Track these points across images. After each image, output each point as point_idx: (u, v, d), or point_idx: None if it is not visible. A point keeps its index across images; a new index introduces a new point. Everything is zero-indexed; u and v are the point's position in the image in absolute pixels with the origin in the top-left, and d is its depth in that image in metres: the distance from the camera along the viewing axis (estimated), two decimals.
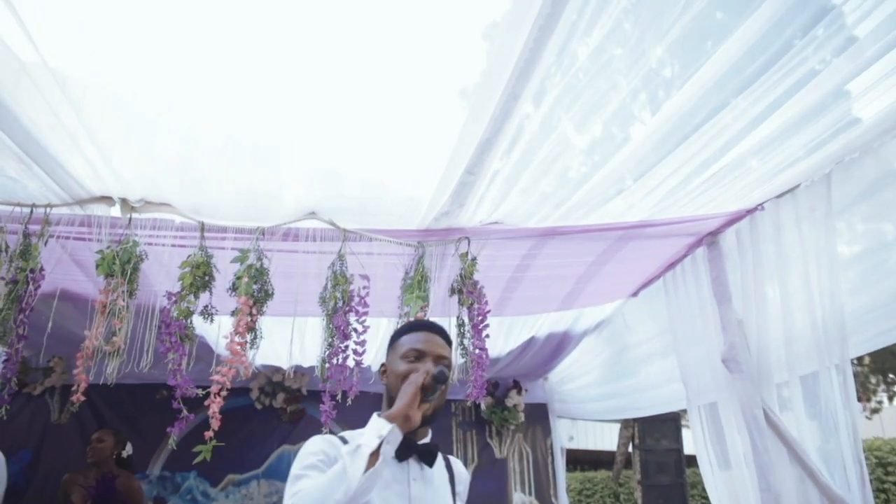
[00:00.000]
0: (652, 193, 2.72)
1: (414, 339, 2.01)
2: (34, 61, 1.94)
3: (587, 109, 2.15)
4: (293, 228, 2.78)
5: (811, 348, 2.77)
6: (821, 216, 2.68)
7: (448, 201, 2.47)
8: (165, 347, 2.48)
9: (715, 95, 2.18)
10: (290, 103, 2.25)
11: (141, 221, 2.74)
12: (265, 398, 5.57)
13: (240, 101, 2.25)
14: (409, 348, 1.98)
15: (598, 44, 1.86)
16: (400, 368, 1.94)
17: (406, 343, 2.01)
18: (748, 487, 3.12)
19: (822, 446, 2.84)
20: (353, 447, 1.67)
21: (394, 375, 1.96)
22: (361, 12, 1.82)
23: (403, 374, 1.91)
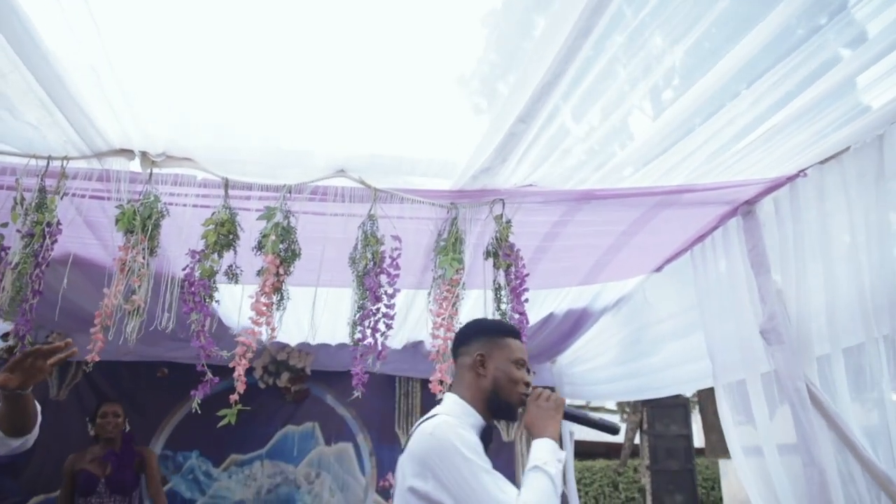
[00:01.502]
0: (692, 157, 2.62)
1: (521, 348, 2.15)
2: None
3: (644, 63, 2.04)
4: (321, 187, 2.65)
5: (856, 319, 2.67)
6: (871, 181, 2.57)
7: (491, 156, 2.35)
8: (189, 307, 2.35)
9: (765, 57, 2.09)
10: (322, 55, 2.14)
11: (161, 177, 2.60)
12: (269, 377, 5.44)
13: (271, 53, 2.14)
14: (521, 357, 2.12)
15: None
16: (515, 374, 2.07)
17: (518, 349, 2.13)
18: (780, 472, 3.04)
19: (867, 421, 2.75)
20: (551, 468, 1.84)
21: (505, 376, 2.06)
22: None
23: (518, 379, 2.07)
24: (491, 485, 1.75)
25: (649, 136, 2.35)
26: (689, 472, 6.79)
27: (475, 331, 2.17)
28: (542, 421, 1.97)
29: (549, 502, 1.75)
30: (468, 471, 1.76)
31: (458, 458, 1.78)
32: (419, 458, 1.84)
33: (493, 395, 2.04)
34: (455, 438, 1.82)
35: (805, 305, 2.89)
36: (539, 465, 1.82)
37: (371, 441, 5.53)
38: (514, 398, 2.05)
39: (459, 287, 2.54)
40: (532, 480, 1.80)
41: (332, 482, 5.36)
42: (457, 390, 2.10)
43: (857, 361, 2.76)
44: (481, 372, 2.07)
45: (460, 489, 1.74)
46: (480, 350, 2.09)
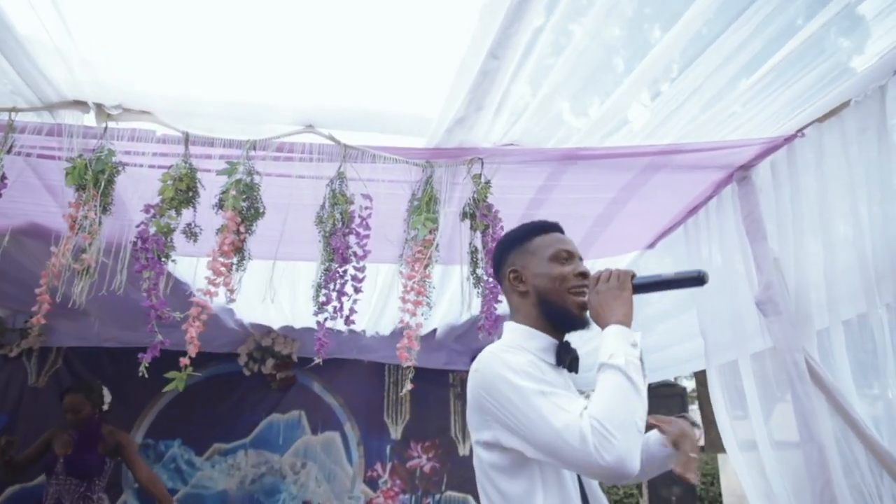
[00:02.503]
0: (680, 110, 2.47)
1: (556, 239, 1.85)
2: None
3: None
4: (287, 143, 2.50)
5: (857, 288, 2.51)
6: (873, 136, 2.41)
7: (464, 103, 2.19)
8: (140, 265, 2.19)
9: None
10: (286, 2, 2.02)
11: (118, 132, 2.45)
12: (254, 364, 5.29)
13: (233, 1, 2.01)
14: (560, 249, 1.81)
15: None
16: (555, 271, 1.77)
17: (550, 244, 1.83)
18: (775, 466, 2.89)
19: (869, 397, 2.59)
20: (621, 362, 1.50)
21: (546, 279, 1.77)
22: None
23: (560, 276, 1.76)
24: (547, 407, 1.47)
25: (634, 79, 2.19)
26: None
27: (501, 250, 1.91)
28: (606, 306, 1.63)
29: (624, 402, 1.45)
30: (520, 399, 1.51)
31: (505, 387, 1.54)
32: (475, 405, 1.63)
33: (545, 306, 1.76)
34: (499, 366, 1.58)
35: (803, 274, 2.73)
36: (605, 362, 1.51)
37: (359, 430, 5.38)
38: (567, 299, 1.74)
39: (433, 248, 2.38)
40: (599, 383, 1.50)
41: (318, 472, 5.21)
42: (513, 318, 1.84)
43: (858, 333, 2.60)
44: (521, 288, 1.81)
45: (519, 424, 1.50)
46: (512, 266, 1.84)
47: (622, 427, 1.40)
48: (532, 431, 1.48)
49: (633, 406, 1.45)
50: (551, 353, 1.73)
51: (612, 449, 1.38)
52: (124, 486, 4.91)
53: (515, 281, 1.83)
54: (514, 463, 1.58)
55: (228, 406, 5.25)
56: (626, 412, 1.43)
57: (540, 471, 1.57)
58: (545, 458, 1.49)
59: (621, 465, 1.38)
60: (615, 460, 1.37)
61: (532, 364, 1.60)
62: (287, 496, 5.10)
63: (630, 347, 1.54)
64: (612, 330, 1.58)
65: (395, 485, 5.30)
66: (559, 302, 1.74)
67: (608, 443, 1.38)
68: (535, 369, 1.59)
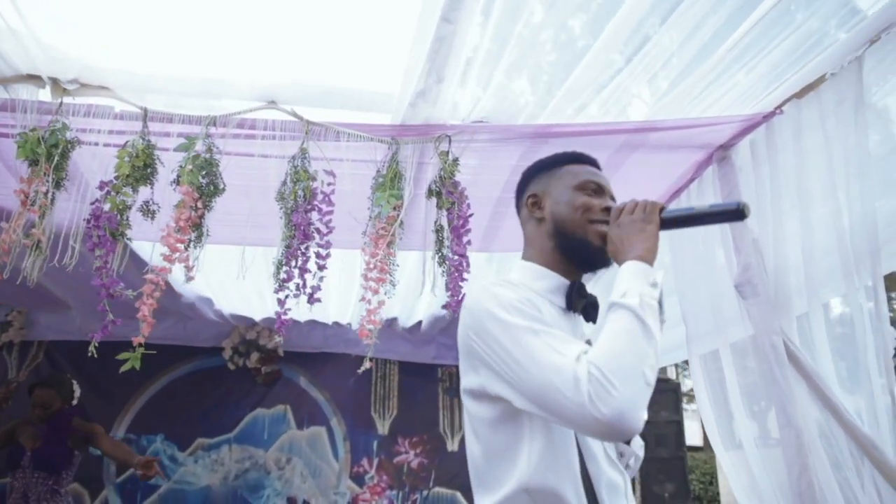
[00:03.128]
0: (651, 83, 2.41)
1: (588, 171, 1.64)
2: None
3: None
4: (249, 120, 2.44)
5: (836, 268, 2.43)
6: (850, 109, 2.34)
7: (423, 73, 2.13)
8: (92, 243, 2.13)
9: None
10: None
11: (74, 107, 2.39)
12: (239, 358, 5.22)
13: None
14: (588, 179, 1.60)
15: None
16: (578, 200, 1.56)
17: (580, 173, 1.62)
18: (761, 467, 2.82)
19: (848, 381, 2.51)
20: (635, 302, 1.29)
21: (567, 207, 1.56)
22: None
23: (582, 205, 1.55)
24: (538, 348, 1.29)
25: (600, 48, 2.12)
26: (680, 459, 6.49)
27: (526, 175, 1.73)
28: (627, 240, 1.42)
29: (632, 348, 1.24)
30: (508, 337, 1.32)
31: (493, 324, 1.35)
32: (463, 348, 1.45)
33: (560, 236, 1.56)
34: (488, 300, 1.39)
35: (783, 255, 2.66)
36: (616, 301, 1.30)
37: (345, 425, 5.31)
38: (586, 229, 1.53)
39: (396, 224, 2.31)
40: (606, 325, 1.31)
41: (303, 467, 5.14)
42: (524, 254, 1.65)
43: (837, 315, 2.54)
44: (538, 215, 1.62)
45: (505, 366, 1.31)
46: (532, 191, 1.66)
47: (626, 376, 1.20)
48: (519, 375, 1.29)
49: (642, 353, 1.24)
50: (561, 294, 1.53)
51: (610, 400, 1.17)
52: (105, 482, 4.85)
53: (533, 207, 1.64)
54: (502, 416, 1.39)
55: (212, 401, 5.19)
56: (633, 359, 1.23)
57: (529, 423, 1.37)
58: (534, 408, 1.28)
59: (620, 420, 1.17)
60: (613, 414, 1.17)
61: (527, 301, 1.40)
62: (271, 492, 5.03)
63: (648, 287, 1.32)
64: (628, 266, 1.37)
65: (381, 480, 5.22)
66: (578, 233, 1.53)
67: (606, 392, 1.18)
68: (530, 307, 1.38)
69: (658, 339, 1.27)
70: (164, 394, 5.15)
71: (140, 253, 3.08)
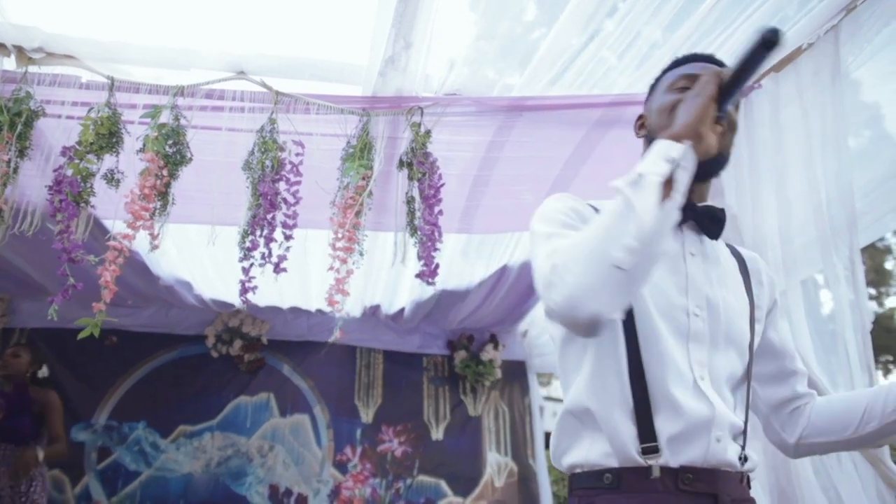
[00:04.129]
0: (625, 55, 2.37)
1: (683, 69, 1.45)
2: None
3: None
4: (218, 90, 2.40)
5: (814, 243, 2.41)
6: (826, 80, 2.31)
7: (390, 39, 2.09)
8: (53, 208, 2.09)
9: None
10: None
11: (39, 76, 2.35)
12: (222, 346, 5.18)
13: None
14: (682, 75, 1.42)
15: None
16: (667, 100, 1.40)
17: (672, 75, 1.46)
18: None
19: (826, 356, 2.48)
20: (633, 177, 1.12)
21: (658, 113, 1.42)
22: None
23: (671, 105, 1.37)
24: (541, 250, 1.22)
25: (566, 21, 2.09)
26: None
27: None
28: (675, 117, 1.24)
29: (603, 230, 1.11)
30: (532, 247, 1.27)
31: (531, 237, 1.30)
32: None
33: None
34: (538, 214, 1.33)
35: (761, 231, 2.63)
36: (618, 186, 1.13)
37: (329, 413, 5.26)
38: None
39: (365, 194, 2.27)
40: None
41: (286, 455, 5.10)
42: None
43: (814, 291, 2.51)
44: (642, 133, 1.51)
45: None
46: (641, 112, 1.54)
47: (585, 259, 1.10)
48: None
49: (613, 234, 1.09)
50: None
51: (561, 286, 1.10)
52: (86, 469, 4.80)
53: (640, 129, 1.52)
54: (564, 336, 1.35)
55: (195, 388, 5.14)
56: (598, 242, 1.10)
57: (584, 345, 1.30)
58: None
59: (570, 306, 1.08)
60: (562, 300, 1.09)
61: (568, 210, 1.31)
62: (254, 479, 4.99)
63: (662, 162, 1.13)
64: (654, 146, 1.18)
65: (364, 469, 5.18)
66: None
67: (560, 279, 1.10)
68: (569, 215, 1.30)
69: (649, 216, 1.07)
70: (146, 381, 5.10)
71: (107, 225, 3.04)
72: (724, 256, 1.47)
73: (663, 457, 1.21)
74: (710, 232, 1.41)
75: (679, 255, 1.37)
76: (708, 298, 1.34)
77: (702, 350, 1.30)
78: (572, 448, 1.30)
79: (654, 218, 1.08)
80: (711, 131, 1.20)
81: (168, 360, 5.21)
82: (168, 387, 5.11)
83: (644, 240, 1.07)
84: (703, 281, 1.36)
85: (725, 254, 1.50)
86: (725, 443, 1.25)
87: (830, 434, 1.45)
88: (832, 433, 1.45)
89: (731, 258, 1.51)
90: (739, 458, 1.27)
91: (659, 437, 1.21)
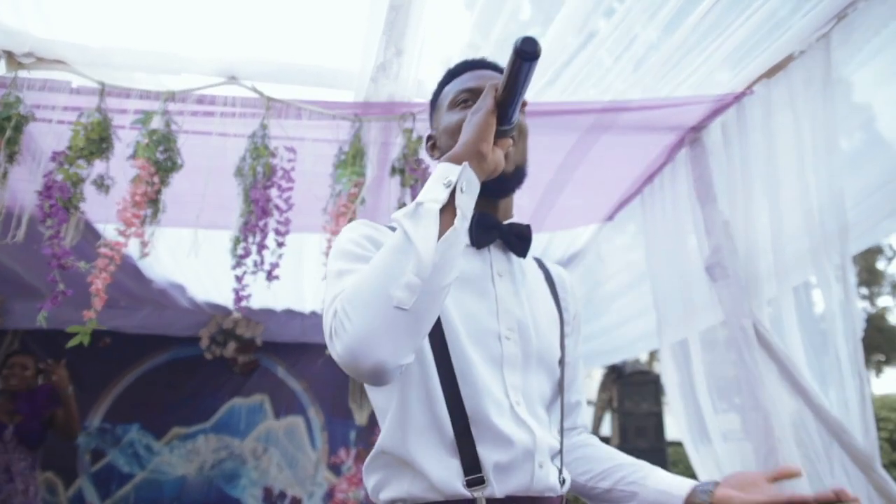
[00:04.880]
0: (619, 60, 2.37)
1: (460, 81, 1.38)
2: None
3: None
4: (209, 96, 2.39)
5: (805, 250, 2.41)
6: (818, 88, 2.30)
7: (381, 45, 2.08)
8: (43, 213, 2.08)
9: None
10: None
11: (29, 81, 2.34)
12: (216, 348, 5.17)
13: None
14: (460, 90, 1.35)
15: None
16: (453, 119, 1.32)
17: (451, 90, 1.38)
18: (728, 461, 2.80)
19: (818, 363, 2.48)
20: (411, 207, 1.06)
21: (446, 135, 1.34)
22: None
23: (457, 125, 1.28)
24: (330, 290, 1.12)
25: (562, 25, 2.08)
26: (661, 451, 6.45)
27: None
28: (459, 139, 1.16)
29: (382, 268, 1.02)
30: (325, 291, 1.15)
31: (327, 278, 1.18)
32: None
33: None
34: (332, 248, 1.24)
35: (753, 237, 2.63)
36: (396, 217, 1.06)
37: (323, 415, 5.26)
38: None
39: (357, 202, 2.27)
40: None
41: (280, 457, 5.10)
42: None
43: (806, 297, 2.51)
44: (435, 156, 1.42)
45: None
46: (429, 133, 1.45)
47: (364, 303, 1.00)
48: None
49: (392, 272, 1.01)
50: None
51: (343, 335, 1.00)
52: (79, 471, 4.80)
53: (432, 151, 1.43)
54: None
55: (189, 390, 5.14)
56: (378, 282, 1.02)
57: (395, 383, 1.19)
58: None
59: (352, 356, 0.98)
60: (344, 350, 0.99)
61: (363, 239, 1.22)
62: (248, 482, 4.98)
63: (440, 188, 1.06)
64: (434, 171, 1.11)
65: (359, 471, 5.18)
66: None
67: (341, 327, 1.00)
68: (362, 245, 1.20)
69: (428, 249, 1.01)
70: (140, 383, 5.10)
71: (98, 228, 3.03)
72: (531, 272, 1.44)
73: (489, 488, 1.16)
74: (517, 250, 1.36)
75: (487, 277, 1.32)
76: (518, 320, 1.30)
77: (515, 374, 1.26)
78: (391, 482, 1.22)
79: (434, 251, 1.02)
80: (499, 147, 1.16)
81: (162, 362, 5.20)
82: (162, 389, 5.10)
83: (425, 275, 1.01)
84: (512, 302, 1.31)
85: (533, 268, 1.46)
86: (547, 468, 1.22)
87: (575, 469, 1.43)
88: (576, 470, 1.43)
89: (539, 271, 1.47)
90: (560, 480, 1.25)
91: (484, 467, 1.16)
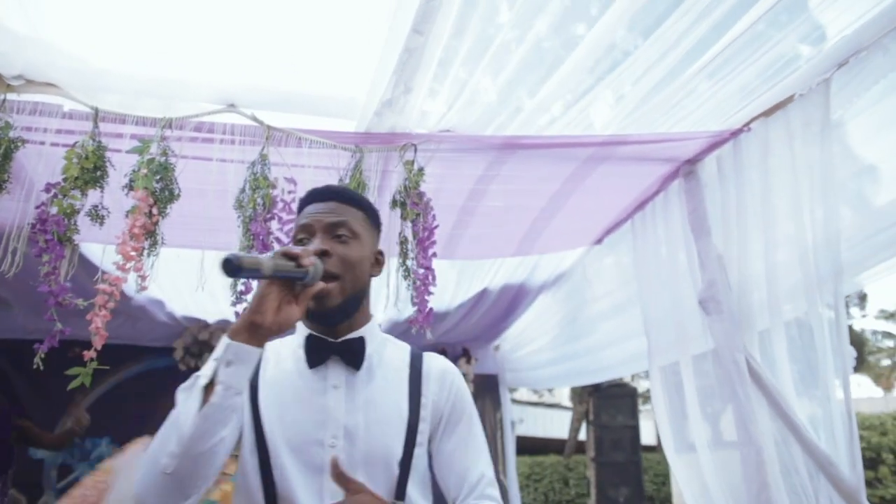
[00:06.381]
0: (623, 99, 2.38)
1: (303, 215, 1.47)
2: None
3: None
4: (207, 123, 2.33)
5: (798, 286, 2.44)
6: (816, 130, 2.34)
7: (391, 83, 2.05)
8: (39, 248, 2.00)
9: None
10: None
11: (19, 105, 2.25)
12: (190, 359, 5.07)
13: None
14: (299, 226, 1.46)
15: None
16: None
17: (295, 225, 1.49)
18: (713, 471, 2.82)
19: (807, 397, 2.52)
20: (190, 381, 1.25)
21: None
22: None
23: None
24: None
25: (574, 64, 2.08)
26: (636, 464, 6.53)
27: None
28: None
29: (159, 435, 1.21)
30: None
31: None
32: None
33: None
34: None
35: (746, 272, 2.66)
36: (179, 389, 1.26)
37: None
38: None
39: None
40: None
41: None
42: None
43: (798, 334, 2.54)
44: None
45: None
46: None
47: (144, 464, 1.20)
48: None
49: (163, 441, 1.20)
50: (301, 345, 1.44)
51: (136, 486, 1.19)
52: (45, 487, 4.66)
53: None
54: None
55: (162, 402, 4.99)
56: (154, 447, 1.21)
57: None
58: None
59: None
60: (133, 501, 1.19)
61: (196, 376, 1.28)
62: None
63: (212, 363, 1.23)
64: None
65: None
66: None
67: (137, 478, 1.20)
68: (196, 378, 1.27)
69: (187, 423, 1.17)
70: (111, 395, 4.98)
71: (90, 257, 2.94)
72: (391, 373, 1.48)
73: None
74: (352, 363, 1.43)
75: (320, 391, 1.40)
76: (345, 427, 1.37)
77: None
78: None
79: (192, 425, 1.16)
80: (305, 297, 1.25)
81: (134, 374, 5.09)
82: (134, 401, 4.96)
83: (184, 445, 1.16)
84: (342, 411, 1.38)
85: (395, 368, 1.50)
86: None
87: None
88: None
89: (406, 370, 1.51)
90: None
91: None
